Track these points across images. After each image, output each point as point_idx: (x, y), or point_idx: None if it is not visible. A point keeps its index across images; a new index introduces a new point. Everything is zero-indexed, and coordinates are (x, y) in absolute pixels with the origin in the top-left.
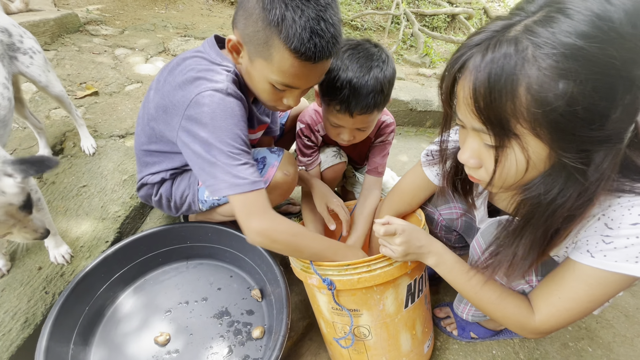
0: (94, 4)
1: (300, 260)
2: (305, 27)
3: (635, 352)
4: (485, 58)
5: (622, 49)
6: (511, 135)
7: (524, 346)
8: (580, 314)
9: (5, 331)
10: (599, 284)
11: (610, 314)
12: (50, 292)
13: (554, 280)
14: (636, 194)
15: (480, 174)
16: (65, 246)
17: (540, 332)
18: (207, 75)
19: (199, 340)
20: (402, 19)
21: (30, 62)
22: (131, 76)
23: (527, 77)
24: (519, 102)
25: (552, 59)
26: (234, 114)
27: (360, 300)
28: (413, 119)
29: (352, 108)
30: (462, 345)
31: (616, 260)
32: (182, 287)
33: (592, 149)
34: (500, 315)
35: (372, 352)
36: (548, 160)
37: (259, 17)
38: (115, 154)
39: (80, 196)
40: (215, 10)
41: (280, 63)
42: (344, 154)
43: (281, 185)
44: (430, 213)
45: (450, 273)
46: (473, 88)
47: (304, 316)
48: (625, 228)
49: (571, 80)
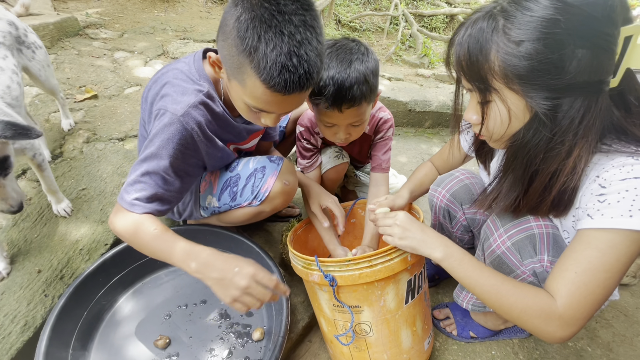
0: (94, 7)
1: (301, 257)
2: (276, 61)
3: (635, 352)
4: (466, 33)
5: (568, 14)
6: (492, 90)
7: (523, 346)
8: (601, 288)
9: (5, 334)
10: (609, 247)
11: (610, 313)
12: (50, 295)
13: (566, 256)
14: (628, 154)
15: (482, 129)
16: (66, 201)
17: (567, 322)
18: (175, 95)
19: (198, 343)
20: (401, 20)
21: (33, 57)
22: (130, 79)
23: (495, 43)
24: (492, 63)
25: (515, 27)
26: (170, 142)
27: (362, 296)
28: (412, 119)
29: (339, 102)
30: (461, 345)
31: (612, 217)
32: (181, 290)
33: (558, 96)
34: (520, 308)
35: (373, 349)
36: (527, 110)
37: (233, 43)
38: (115, 156)
39: (80, 199)
40: (215, 13)
41: (252, 90)
42: (346, 155)
43: (281, 194)
44: (454, 211)
45: (460, 266)
46: (457, 55)
47: (303, 317)
48: (616, 184)
49: (527, 41)
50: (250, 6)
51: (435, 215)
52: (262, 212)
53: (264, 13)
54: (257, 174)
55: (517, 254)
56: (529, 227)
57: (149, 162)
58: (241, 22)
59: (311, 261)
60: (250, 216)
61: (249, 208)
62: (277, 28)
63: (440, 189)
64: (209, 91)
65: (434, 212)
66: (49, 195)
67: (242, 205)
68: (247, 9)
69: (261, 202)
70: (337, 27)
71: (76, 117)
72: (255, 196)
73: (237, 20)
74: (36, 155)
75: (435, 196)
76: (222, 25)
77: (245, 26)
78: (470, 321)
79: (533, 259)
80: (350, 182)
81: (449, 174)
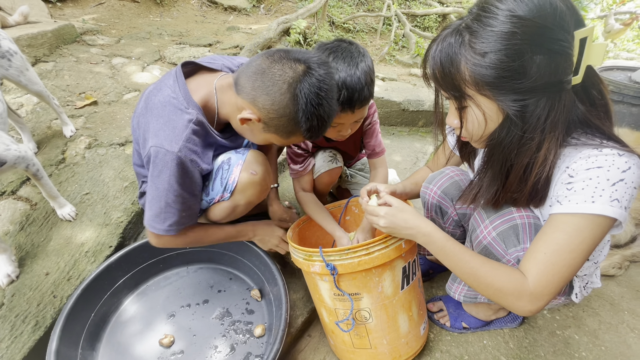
0: (90, 13)
1: (303, 250)
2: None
3: (620, 338)
4: (438, 48)
5: (523, 26)
6: (466, 97)
7: (514, 336)
8: (567, 267)
9: (17, 334)
10: (574, 230)
11: (596, 302)
12: (59, 296)
13: (538, 239)
14: (594, 146)
15: (462, 132)
16: (69, 206)
17: (537, 297)
18: (167, 130)
19: (202, 341)
20: (394, 20)
21: (9, 65)
22: (129, 85)
23: (464, 56)
24: (463, 74)
25: (479, 41)
26: (175, 176)
27: (361, 283)
28: (406, 119)
29: (353, 104)
30: (454, 336)
31: (577, 202)
32: (184, 291)
33: (524, 97)
34: (495, 286)
35: (373, 334)
36: (499, 112)
37: (291, 120)
38: (116, 161)
39: (84, 203)
40: (210, 17)
41: (293, 141)
42: (340, 159)
43: (250, 184)
44: (445, 207)
45: (442, 251)
46: (432, 68)
47: (302, 313)
48: (582, 173)
49: (491, 52)
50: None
51: (428, 211)
52: (238, 205)
53: None
54: (224, 166)
55: (502, 243)
56: (511, 217)
57: (165, 196)
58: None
59: (313, 252)
60: (228, 211)
61: (224, 202)
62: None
63: (432, 186)
64: (197, 118)
65: (427, 208)
66: (50, 201)
67: (216, 199)
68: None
69: (232, 194)
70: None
71: (77, 124)
72: (225, 188)
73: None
74: (29, 166)
75: (427, 193)
76: (267, 91)
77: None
78: (463, 313)
79: (517, 248)
80: (343, 181)
81: (440, 171)
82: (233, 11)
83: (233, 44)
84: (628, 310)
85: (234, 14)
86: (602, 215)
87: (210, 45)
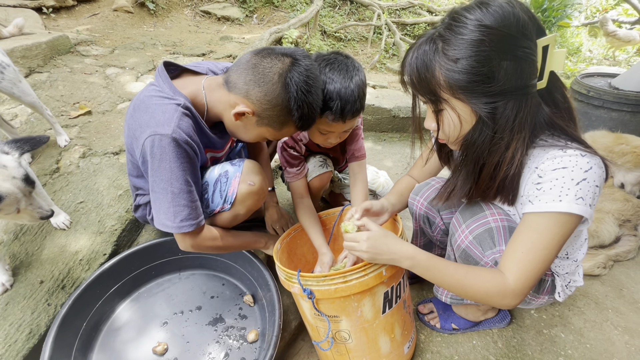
0: (84, 24)
1: (284, 270)
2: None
3: (604, 336)
4: (413, 56)
5: (490, 35)
6: (442, 100)
7: (502, 335)
8: (541, 263)
9: (11, 342)
10: (545, 228)
11: (582, 301)
12: (53, 304)
13: (514, 240)
14: (560, 148)
15: (440, 134)
16: (64, 214)
17: (517, 292)
18: (158, 115)
19: (196, 348)
20: (384, 29)
21: (2, 77)
22: (122, 95)
23: (438, 62)
24: (438, 79)
25: (452, 48)
26: (177, 157)
27: (339, 307)
28: (396, 125)
29: (345, 115)
30: (444, 337)
31: (546, 202)
32: (176, 297)
33: (494, 100)
34: (481, 292)
35: (353, 354)
36: (473, 114)
37: (284, 108)
38: (110, 170)
39: (78, 212)
40: (203, 27)
41: (285, 133)
42: (330, 164)
43: (249, 195)
44: (432, 217)
45: (428, 270)
46: (409, 75)
47: (296, 317)
48: (549, 173)
49: (462, 59)
50: None
51: (416, 221)
52: (238, 214)
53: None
54: (222, 179)
55: (479, 246)
56: (486, 221)
57: (170, 186)
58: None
59: (292, 274)
60: (230, 220)
61: (225, 213)
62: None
63: (419, 197)
64: (185, 103)
65: (415, 218)
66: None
67: (216, 210)
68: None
69: (232, 205)
70: (322, 38)
71: (71, 133)
72: (224, 200)
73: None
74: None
75: (414, 204)
76: (260, 83)
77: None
78: (452, 314)
79: (493, 250)
80: (336, 186)
81: (425, 182)
82: (226, 21)
83: (226, 53)
84: (612, 309)
85: (227, 24)
86: (568, 213)
87: (203, 55)
